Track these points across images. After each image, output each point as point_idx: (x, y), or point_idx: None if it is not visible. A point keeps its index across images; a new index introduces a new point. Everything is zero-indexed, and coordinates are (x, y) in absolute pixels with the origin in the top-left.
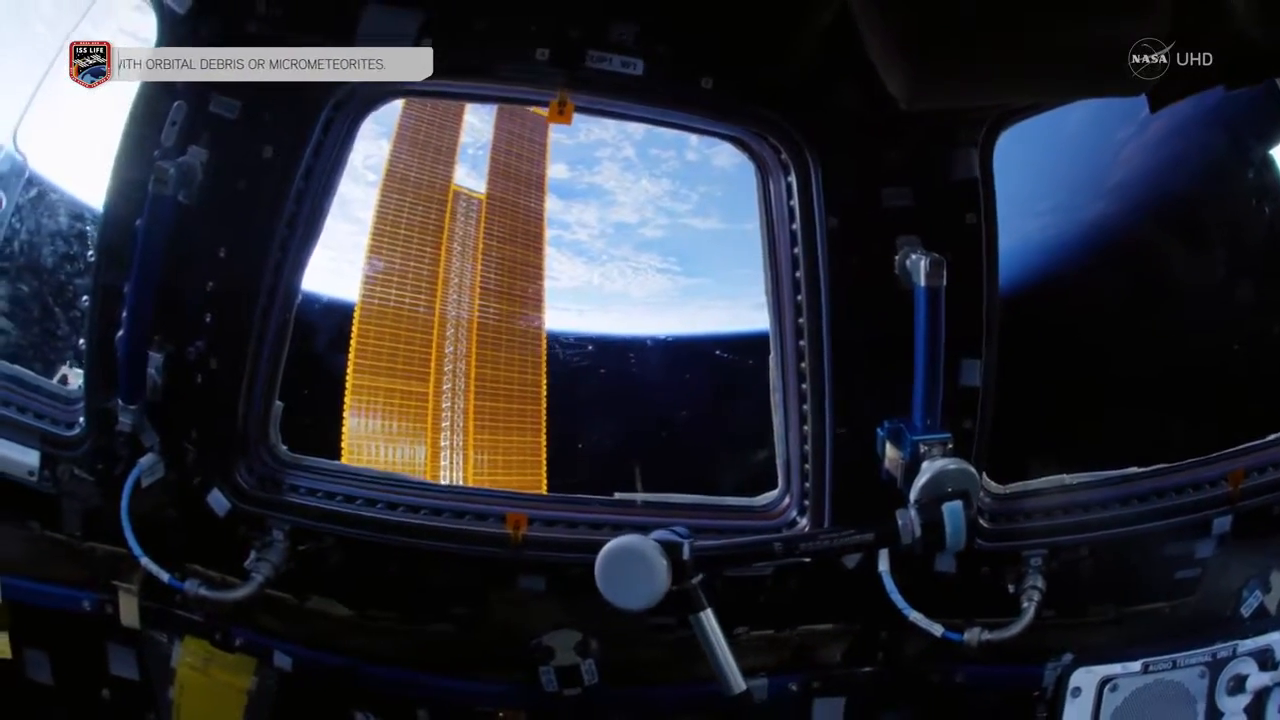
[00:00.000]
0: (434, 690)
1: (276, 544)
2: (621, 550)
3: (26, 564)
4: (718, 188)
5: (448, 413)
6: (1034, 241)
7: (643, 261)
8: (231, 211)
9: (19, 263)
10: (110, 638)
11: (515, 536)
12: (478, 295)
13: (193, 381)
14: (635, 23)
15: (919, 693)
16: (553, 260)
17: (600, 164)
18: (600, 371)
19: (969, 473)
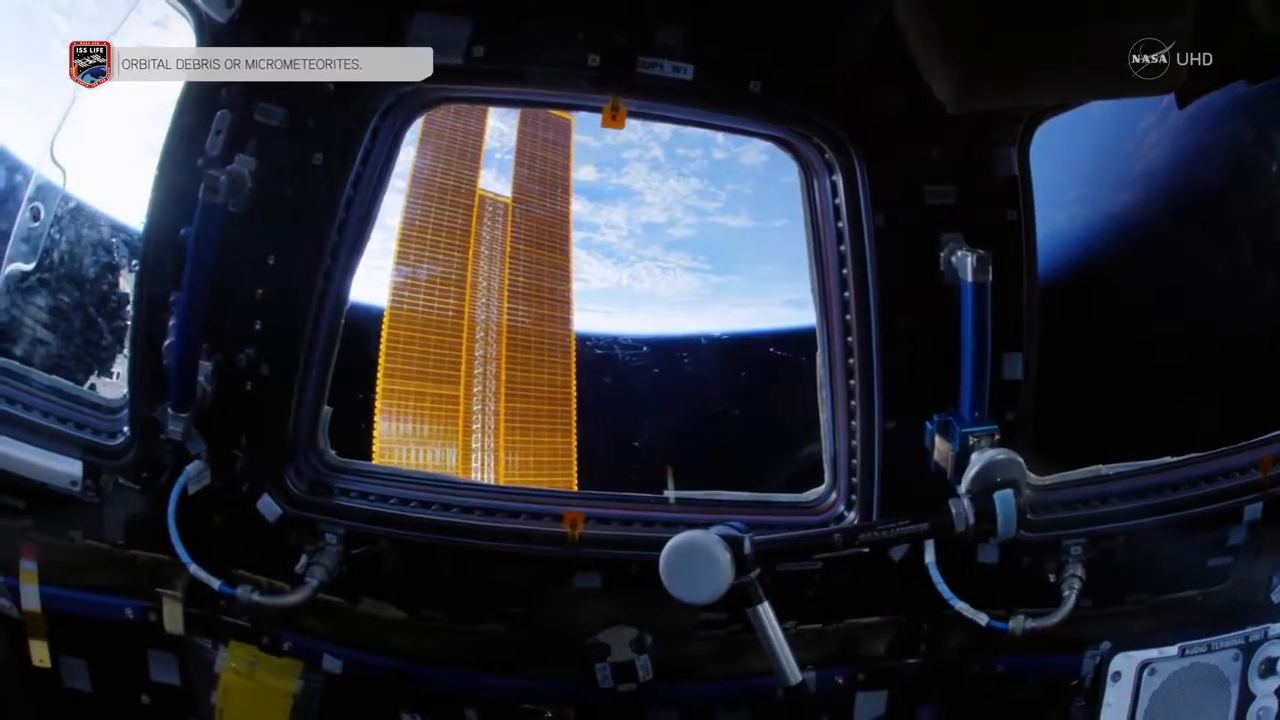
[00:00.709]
0: (486, 689)
1: (330, 548)
2: (686, 545)
3: (66, 573)
4: (746, 185)
5: (478, 415)
6: (1063, 232)
7: (671, 261)
8: (281, 219)
9: (59, 274)
10: (151, 644)
11: (572, 535)
12: (506, 298)
13: (242, 388)
14: (683, 28)
15: (960, 684)
16: (581, 262)
17: (628, 165)
18: (654, 371)
19: (1017, 463)
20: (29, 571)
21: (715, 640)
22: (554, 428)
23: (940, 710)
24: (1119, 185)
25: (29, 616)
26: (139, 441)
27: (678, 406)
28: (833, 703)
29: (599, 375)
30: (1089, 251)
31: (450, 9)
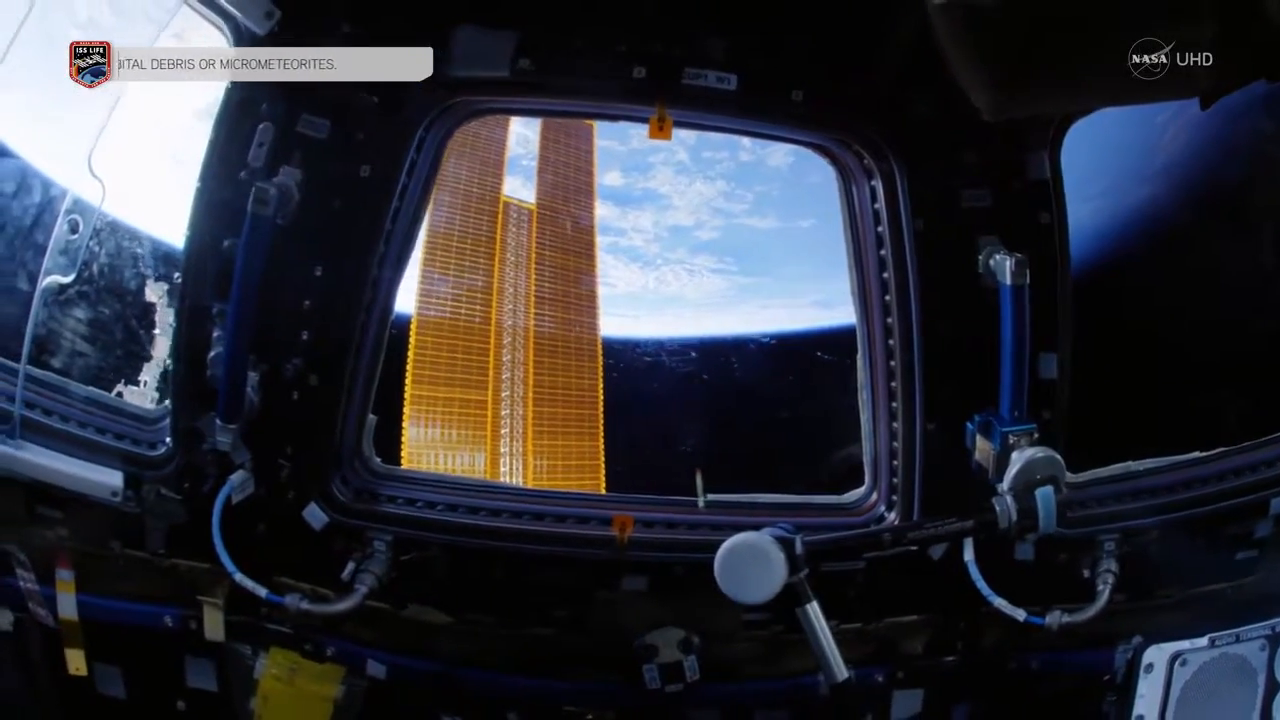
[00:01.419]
0: (529, 692)
1: (379, 555)
2: (742, 546)
3: (105, 582)
4: (773, 186)
5: (506, 420)
6: (1088, 227)
7: (698, 263)
8: (328, 231)
9: (99, 286)
10: (189, 651)
11: (621, 538)
12: (533, 304)
13: (288, 398)
14: (725, 39)
15: (996, 681)
16: (608, 267)
17: (654, 168)
18: (703, 377)
19: (1056, 460)
20: (65, 581)
21: (758, 641)
22: (582, 432)
23: (976, 708)
24: (1141, 179)
25: (65, 625)
26: (181, 452)
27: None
28: (871, 701)
29: (647, 380)
30: (1113, 246)
31: (493, 22)
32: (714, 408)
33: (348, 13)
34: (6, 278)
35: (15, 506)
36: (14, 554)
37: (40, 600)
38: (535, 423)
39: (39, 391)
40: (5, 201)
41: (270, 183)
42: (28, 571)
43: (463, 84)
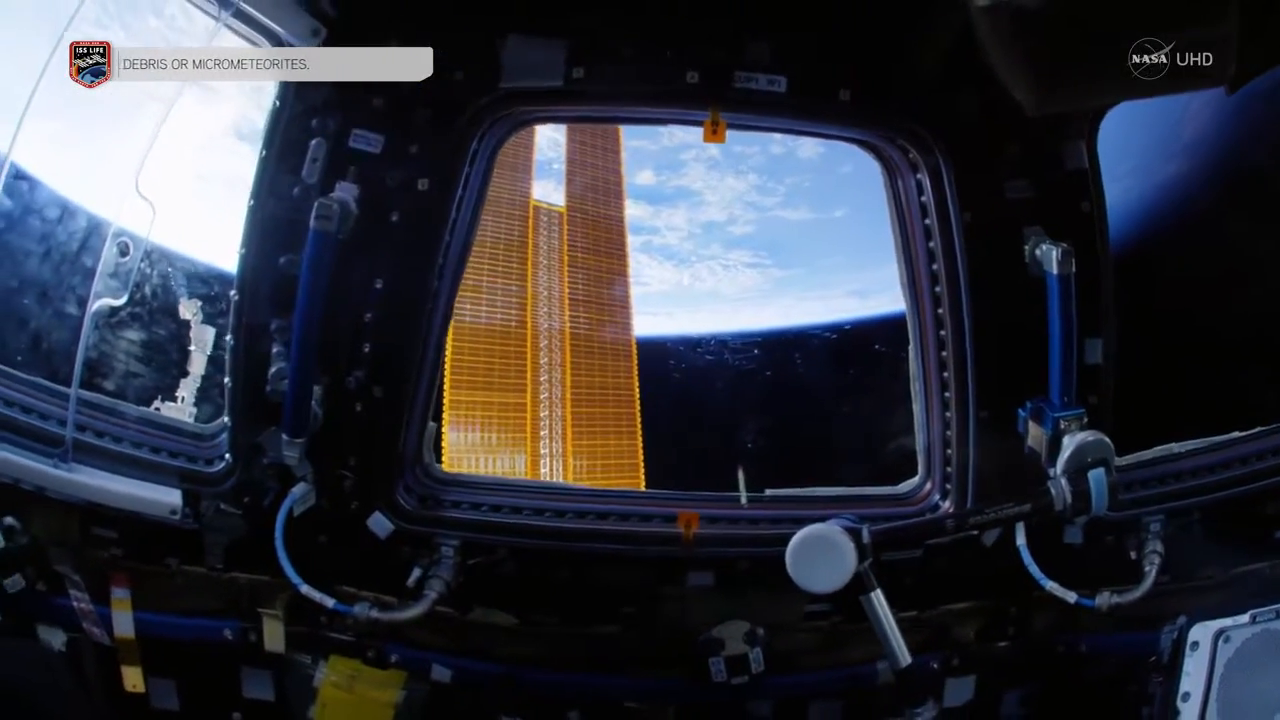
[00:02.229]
0: (591, 690)
1: (446, 560)
2: (814, 538)
3: (162, 599)
4: (805, 178)
5: (545, 421)
6: (1119, 207)
7: (733, 258)
8: (387, 244)
9: (151, 307)
10: (245, 662)
11: (687, 535)
12: (567, 306)
13: (351, 410)
14: (771, 42)
15: (1046, 665)
16: (642, 266)
17: (686, 166)
18: (766, 373)
19: (1105, 443)
20: (121, 599)
21: (818, 632)
22: (620, 430)
23: (1026, 693)
24: (1167, 156)
25: (121, 643)
26: (241, 467)
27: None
28: (927, 688)
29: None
30: (1145, 226)
31: (543, 31)
32: (777, 403)
33: (395, 28)
34: (55, 303)
35: (69, 529)
36: (67, 575)
37: (95, 619)
38: (574, 423)
39: (91, 414)
40: (50, 228)
41: (333, 198)
42: (81, 591)
43: (517, 95)
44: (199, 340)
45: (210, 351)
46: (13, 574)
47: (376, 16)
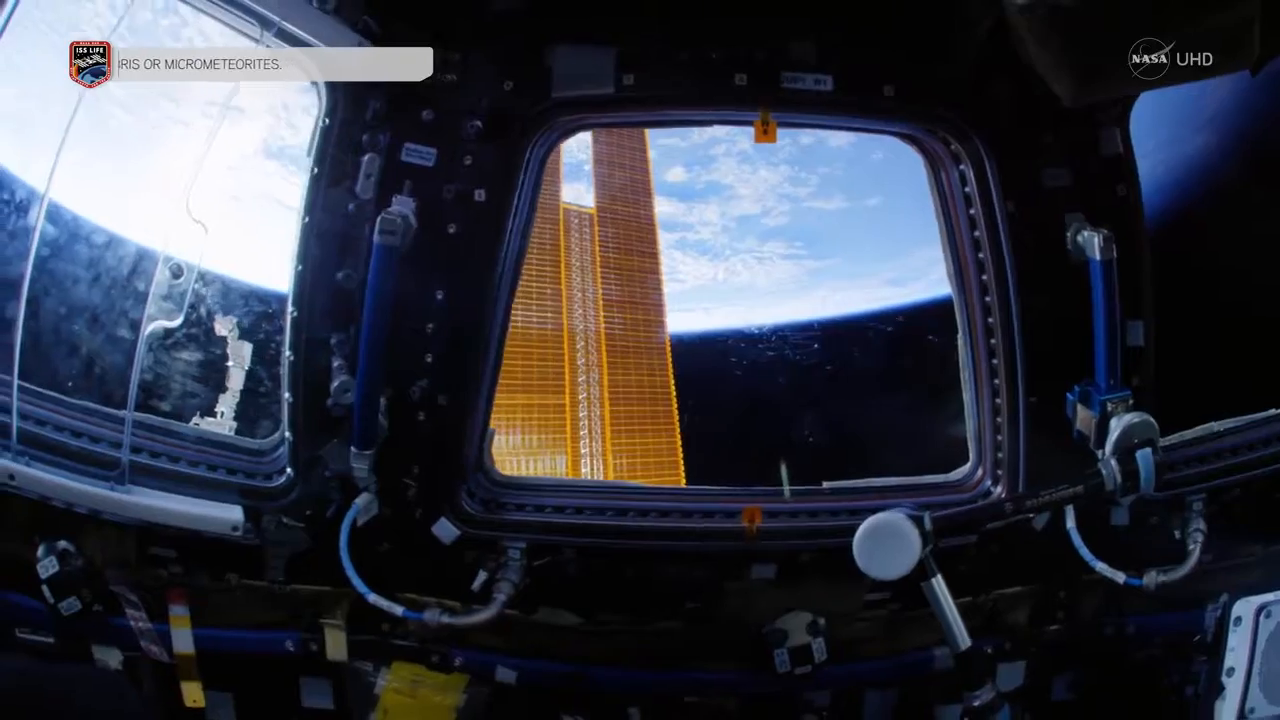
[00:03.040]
0: (653, 685)
1: (513, 563)
2: (881, 525)
3: (222, 614)
4: (837, 167)
5: (584, 421)
6: (1149, 181)
7: (768, 250)
8: (446, 255)
9: (202, 327)
10: (304, 672)
11: (750, 529)
12: (601, 306)
13: (414, 419)
14: (814, 41)
15: (1094, 648)
16: (676, 262)
17: (717, 161)
18: (826, 369)
19: (1151, 423)
20: (180, 616)
21: (876, 621)
22: (658, 428)
23: (1075, 677)
24: (1195, 128)
25: (181, 659)
26: (303, 480)
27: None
28: (982, 672)
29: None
30: (1177, 200)
31: (590, 39)
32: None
33: (439, 41)
34: (106, 327)
35: (125, 549)
36: (123, 595)
37: (154, 637)
38: (612, 422)
39: (146, 435)
40: (97, 253)
41: (395, 213)
42: (138, 610)
43: (568, 103)
44: (237, 356)
45: (248, 366)
46: (68, 597)
47: (420, 30)
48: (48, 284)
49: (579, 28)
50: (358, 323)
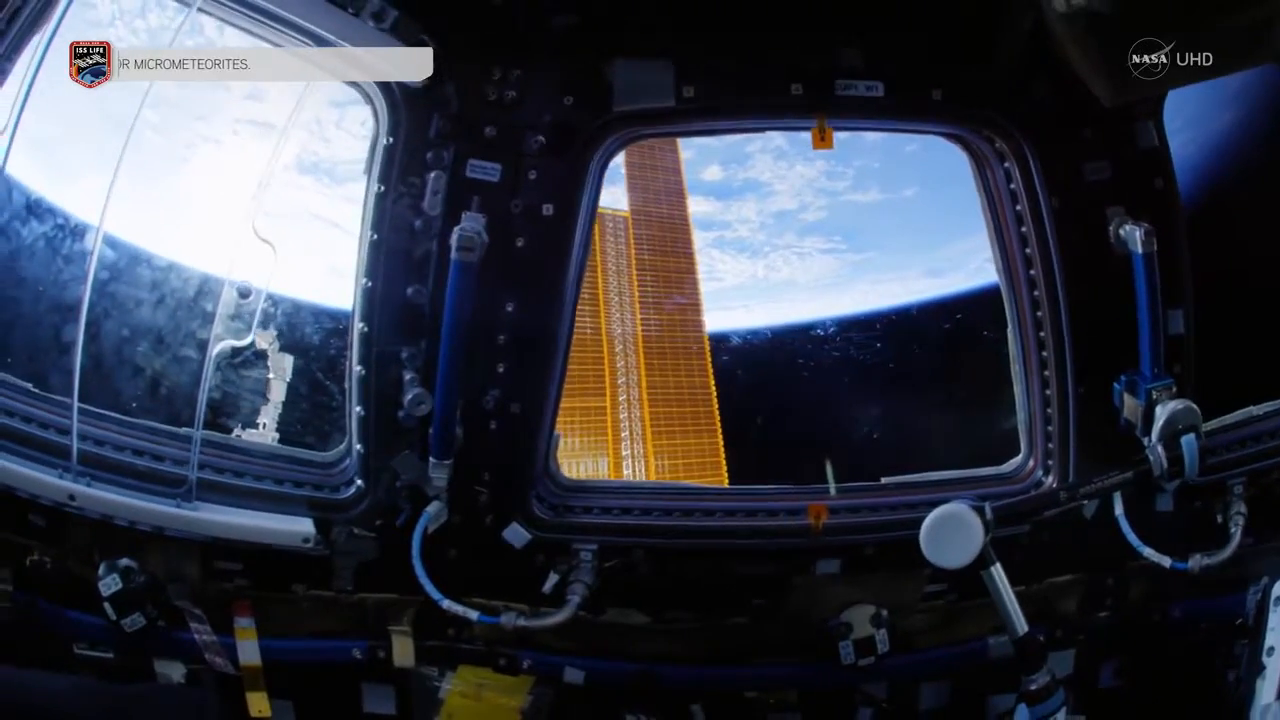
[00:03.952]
0: (717, 682)
1: (585, 565)
2: (947, 516)
3: (287, 624)
4: (872, 159)
5: (625, 423)
6: (1180, 160)
7: (807, 246)
8: (515, 268)
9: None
10: (366, 678)
11: (816, 525)
12: (638, 308)
13: (487, 427)
14: (861, 48)
15: (1141, 634)
16: (715, 261)
17: (752, 158)
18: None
19: (1194, 409)
20: (245, 628)
21: (935, 611)
22: (700, 429)
23: (1121, 664)
24: (1221, 103)
25: (247, 671)
26: (374, 491)
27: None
28: (1040, 657)
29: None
30: (1208, 178)
31: (648, 53)
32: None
33: (498, 58)
34: (173, 347)
35: (190, 565)
36: (187, 609)
37: (218, 649)
38: (653, 424)
39: (213, 452)
40: (159, 275)
41: (472, 230)
42: (202, 624)
43: (630, 116)
44: (278, 368)
45: (289, 379)
46: (132, 613)
47: (480, 48)
48: (109, 306)
49: (635, 42)
50: (428, 336)
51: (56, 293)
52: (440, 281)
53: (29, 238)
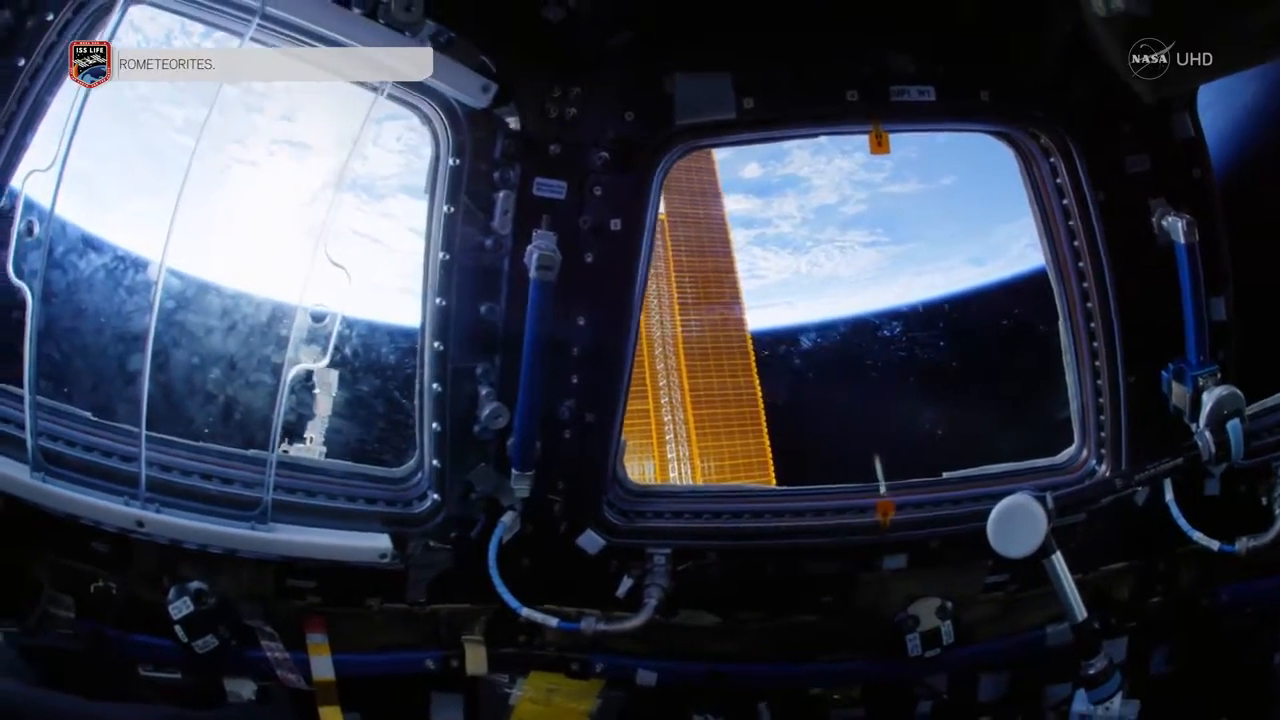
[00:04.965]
0: (785, 679)
1: (660, 568)
2: (1014, 507)
3: (359, 639)
4: (910, 150)
5: (669, 425)
6: (1210, 133)
7: (849, 239)
8: (586, 282)
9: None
10: (435, 688)
11: (884, 522)
12: (678, 310)
13: (561, 437)
14: (911, 53)
15: (1191, 618)
16: (757, 258)
17: (790, 154)
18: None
19: (1238, 395)
20: (318, 644)
21: (995, 602)
22: (744, 430)
23: (1171, 649)
24: (1247, 77)
25: (320, 686)
26: (449, 504)
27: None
28: (1097, 642)
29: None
30: (1238, 152)
31: (705, 66)
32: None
33: (558, 77)
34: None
35: (263, 584)
36: (258, 627)
37: (290, 666)
38: (697, 425)
39: (283, 474)
40: (230, 302)
41: (550, 249)
42: (274, 641)
43: (692, 129)
44: (323, 383)
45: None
46: (204, 635)
47: (540, 68)
48: (177, 336)
49: (692, 56)
50: (501, 351)
51: (120, 324)
52: (512, 298)
53: (86, 270)
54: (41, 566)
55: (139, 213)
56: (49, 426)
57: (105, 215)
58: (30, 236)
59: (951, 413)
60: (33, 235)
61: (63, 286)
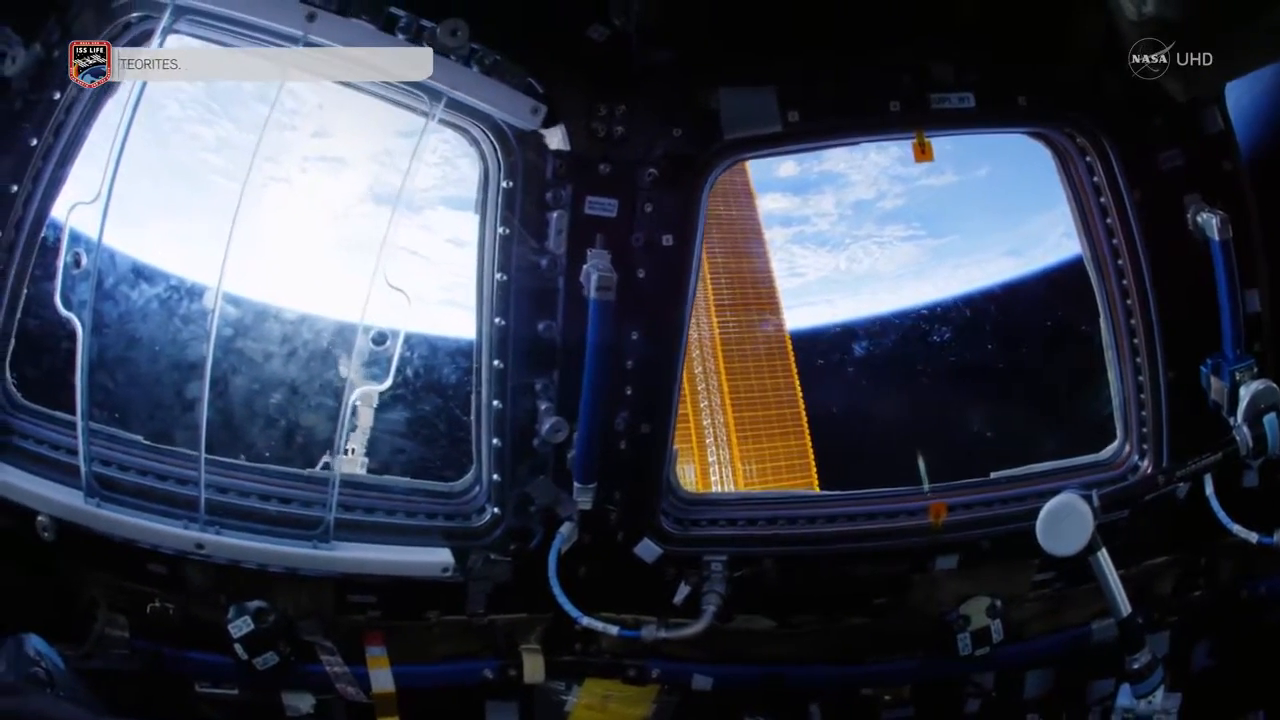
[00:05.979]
0: (837, 680)
1: (717, 575)
2: (1062, 506)
3: (417, 650)
4: (944, 142)
5: (709, 429)
6: (1238, 114)
7: (888, 234)
8: (637, 298)
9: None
10: (489, 696)
11: (936, 524)
12: (714, 312)
13: (617, 448)
14: (951, 61)
15: (1231, 612)
16: (794, 257)
17: (826, 151)
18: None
19: (1274, 388)
20: (378, 657)
21: (1041, 600)
22: (786, 431)
23: (1213, 643)
24: None
25: (379, 698)
26: (508, 517)
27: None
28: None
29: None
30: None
31: (749, 80)
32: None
33: (604, 94)
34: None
35: (324, 601)
36: (319, 642)
37: (349, 679)
38: (737, 428)
39: (342, 492)
40: (288, 329)
41: (607, 268)
42: (333, 655)
43: (740, 143)
44: (365, 397)
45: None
46: (265, 652)
47: (585, 88)
48: (235, 361)
49: (735, 71)
50: (559, 367)
51: (175, 352)
52: (569, 314)
53: (139, 300)
54: (97, 589)
55: (176, 234)
56: (102, 452)
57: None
58: (78, 269)
59: (992, 410)
60: (80, 267)
61: (114, 317)
